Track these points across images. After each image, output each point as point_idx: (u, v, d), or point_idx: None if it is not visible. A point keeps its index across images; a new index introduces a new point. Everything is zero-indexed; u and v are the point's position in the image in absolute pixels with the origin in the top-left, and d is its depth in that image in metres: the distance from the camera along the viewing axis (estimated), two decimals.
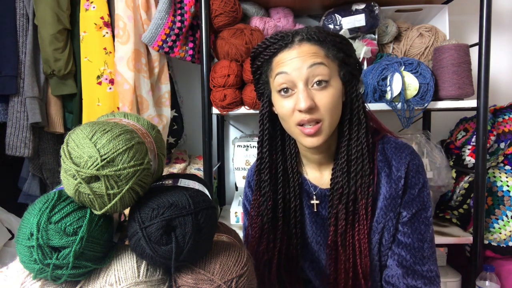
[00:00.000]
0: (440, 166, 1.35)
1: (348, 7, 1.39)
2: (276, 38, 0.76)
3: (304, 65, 0.72)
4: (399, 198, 0.77)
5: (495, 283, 1.20)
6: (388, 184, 0.78)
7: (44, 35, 1.29)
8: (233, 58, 1.34)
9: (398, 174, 0.77)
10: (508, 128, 1.45)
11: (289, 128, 0.79)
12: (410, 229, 0.78)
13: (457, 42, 1.30)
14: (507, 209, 1.32)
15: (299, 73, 0.73)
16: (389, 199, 0.78)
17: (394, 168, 0.78)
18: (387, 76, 1.27)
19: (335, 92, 0.75)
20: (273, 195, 0.85)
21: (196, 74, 1.78)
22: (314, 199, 0.86)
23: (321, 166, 0.86)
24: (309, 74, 0.73)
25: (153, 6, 1.40)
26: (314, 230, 0.87)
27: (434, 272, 0.78)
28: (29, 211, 0.55)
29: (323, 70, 0.73)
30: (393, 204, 0.78)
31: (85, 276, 0.57)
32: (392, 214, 0.78)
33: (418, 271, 0.77)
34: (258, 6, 1.49)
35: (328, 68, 0.74)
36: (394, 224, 0.78)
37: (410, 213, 0.78)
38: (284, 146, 0.88)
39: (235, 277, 0.58)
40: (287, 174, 0.86)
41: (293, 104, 0.74)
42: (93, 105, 1.34)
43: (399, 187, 0.77)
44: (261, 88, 0.84)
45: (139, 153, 0.55)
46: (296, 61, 0.73)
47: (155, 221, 0.54)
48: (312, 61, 0.72)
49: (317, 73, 0.72)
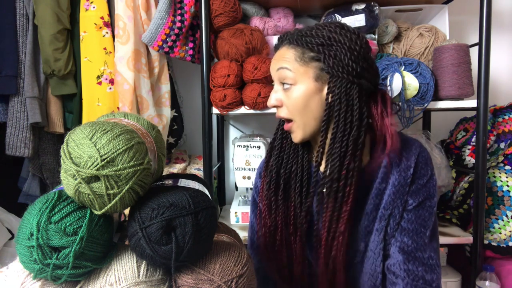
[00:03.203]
0: (440, 166, 1.35)
1: (348, 7, 1.39)
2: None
3: (274, 68, 0.81)
4: (407, 186, 0.80)
5: (495, 283, 1.20)
6: (397, 173, 0.81)
7: (44, 35, 1.29)
8: (233, 58, 1.34)
9: (408, 163, 0.81)
10: (508, 128, 1.45)
11: None
12: (414, 215, 0.81)
13: (457, 42, 1.30)
14: (507, 209, 1.32)
15: (273, 74, 0.82)
16: (397, 186, 0.80)
17: (404, 158, 0.82)
18: (387, 76, 1.27)
19: (301, 94, 0.77)
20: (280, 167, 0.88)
21: (196, 74, 1.78)
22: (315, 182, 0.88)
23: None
24: (278, 76, 0.80)
25: (153, 6, 1.40)
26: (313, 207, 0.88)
27: (435, 260, 0.80)
28: (29, 211, 0.55)
29: (287, 73, 0.78)
30: (401, 192, 0.80)
31: (85, 276, 0.57)
32: (399, 201, 0.81)
33: (419, 258, 0.79)
34: (258, 6, 1.49)
35: (294, 72, 0.77)
36: (400, 212, 0.81)
37: (417, 201, 0.81)
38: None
39: (235, 277, 0.58)
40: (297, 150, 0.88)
41: None
42: (93, 105, 1.34)
43: (408, 175, 0.80)
44: None
45: (139, 153, 0.55)
46: (273, 63, 0.82)
47: (155, 221, 0.54)
48: (279, 64, 0.79)
49: (282, 76, 0.79)
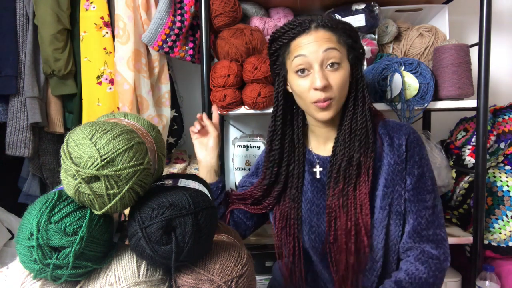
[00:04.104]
0: (440, 166, 1.35)
1: (348, 7, 1.39)
2: (294, 24, 0.86)
3: (320, 49, 0.83)
4: (402, 163, 0.87)
5: (495, 283, 1.20)
6: (391, 152, 0.88)
7: (44, 35, 1.29)
8: (233, 58, 1.34)
9: (399, 142, 0.88)
10: (508, 128, 1.45)
11: (304, 104, 0.89)
12: (413, 195, 0.87)
13: (457, 42, 1.30)
14: (507, 209, 1.32)
15: (316, 56, 0.83)
16: (393, 165, 0.87)
17: (396, 138, 0.88)
18: (387, 76, 1.27)
19: (344, 73, 0.85)
20: (279, 162, 0.97)
21: (196, 74, 1.78)
22: (317, 167, 0.96)
23: (326, 139, 0.96)
24: (324, 57, 0.83)
25: (153, 6, 1.40)
26: (315, 194, 0.95)
27: (440, 236, 0.87)
28: (29, 211, 0.55)
29: (336, 54, 0.83)
30: (398, 170, 0.87)
31: (85, 276, 0.57)
32: (399, 178, 0.87)
33: (425, 236, 0.86)
34: (258, 6, 1.49)
35: (339, 52, 0.84)
36: (403, 189, 0.87)
37: (414, 178, 0.87)
38: (292, 121, 0.98)
39: (235, 277, 0.58)
40: (293, 145, 0.97)
41: (310, 83, 0.84)
42: (93, 105, 1.34)
43: (401, 153, 0.87)
44: (277, 68, 0.94)
45: (139, 153, 0.55)
46: (312, 45, 0.83)
47: (155, 221, 0.54)
48: (326, 45, 0.83)
49: (331, 56, 0.83)
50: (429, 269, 0.83)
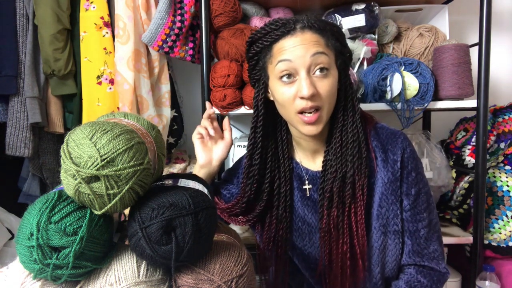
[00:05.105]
0: (440, 166, 1.35)
1: (348, 7, 1.39)
2: (277, 25, 0.76)
3: (308, 53, 0.73)
4: (397, 181, 0.80)
5: (495, 283, 1.20)
6: (385, 168, 0.80)
7: (44, 35, 1.29)
8: (233, 58, 1.34)
9: (394, 158, 0.80)
10: (508, 128, 1.45)
11: (288, 115, 0.80)
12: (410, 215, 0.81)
13: (457, 42, 1.30)
14: (507, 209, 1.32)
15: (303, 60, 0.73)
16: (387, 184, 0.80)
17: (390, 152, 0.81)
18: (387, 76, 1.27)
19: (333, 80, 0.77)
20: (261, 178, 0.87)
21: (196, 74, 1.77)
22: (307, 184, 0.88)
23: (314, 152, 0.88)
24: (311, 62, 0.73)
25: (153, 6, 1.40)
26: (306, 213, 0.88)
27: (439, 251, 0.82)
28: (29, 211, 0.55)
29: (325, 59, 0.74)
30: (393, 188, 0.80)
31: (85, 276, 0.57)
32: (394, 197, 0.80)
33: (425, 254, 0.81)
34: (258, 6, 1.49)
35: (328, 57, 0.75)
36: (398, 208, 0.80)
37: (411, 199, 0.81)
38: (275, 132, 0.89)
39: (235, 277, 0.58)
40: (277, 159, 0.88)
41: (295, 91, 0.75)
42: (93, 105, 1.34)
43: (396, 170, 0.80)
44: (257, 74, 0.84)
45: (139, 153, 0.55)
46: (299, 49, 0.73)
47: (155, 221, 0.54)
48: (315, 49, 0.73)
49: (319, 61, 0.74)
50: (432, 282, 0.80)
